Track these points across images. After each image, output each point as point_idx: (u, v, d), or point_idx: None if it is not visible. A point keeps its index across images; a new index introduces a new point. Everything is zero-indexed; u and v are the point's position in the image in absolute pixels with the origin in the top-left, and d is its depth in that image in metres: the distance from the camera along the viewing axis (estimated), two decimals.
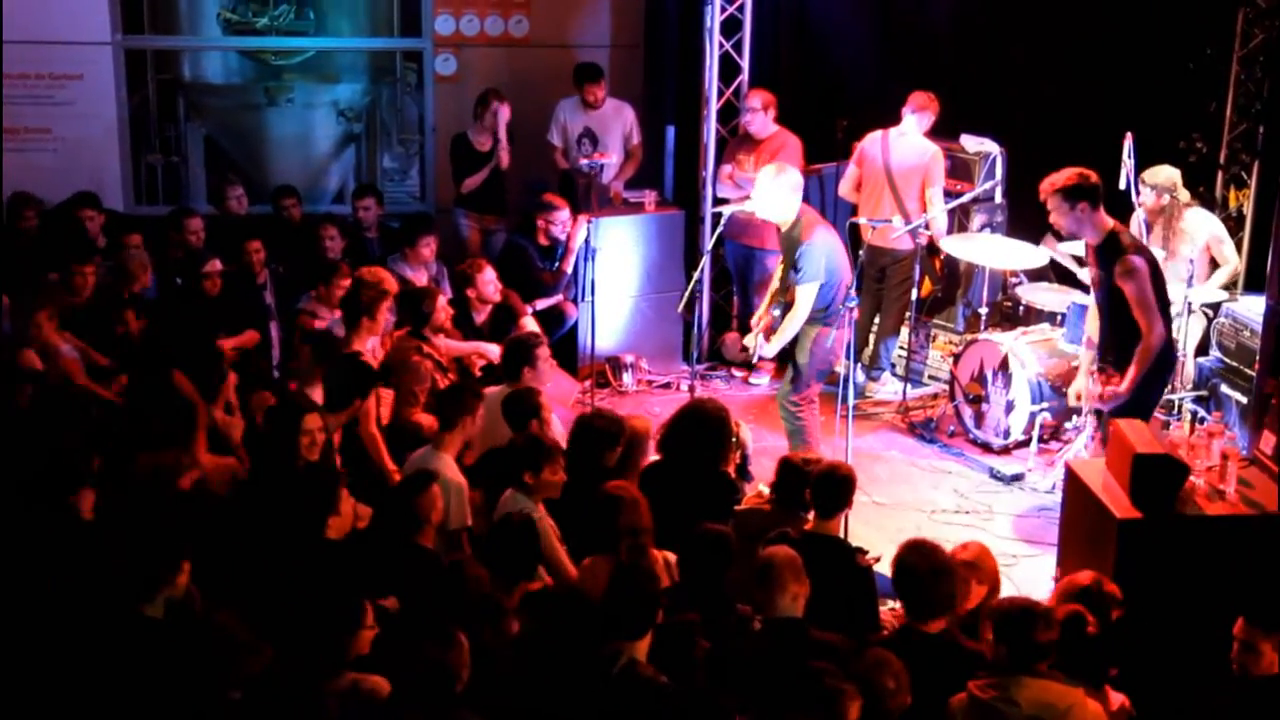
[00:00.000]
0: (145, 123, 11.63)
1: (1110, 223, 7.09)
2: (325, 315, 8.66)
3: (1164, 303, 7.12)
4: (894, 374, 10.03)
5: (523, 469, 6.32)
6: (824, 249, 7.84)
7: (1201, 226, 8.96)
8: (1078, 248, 8.90)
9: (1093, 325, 7.49)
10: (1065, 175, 7.10)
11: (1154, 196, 8.88)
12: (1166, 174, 8.95)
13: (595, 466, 6.59)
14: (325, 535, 5.91)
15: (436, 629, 4.82)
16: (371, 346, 7.98)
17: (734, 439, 6.95)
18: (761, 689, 4.99)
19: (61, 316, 8.10)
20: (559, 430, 7.30)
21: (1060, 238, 8.71)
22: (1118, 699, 5.43)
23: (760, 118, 9.75)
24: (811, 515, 6.26)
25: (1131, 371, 7.06)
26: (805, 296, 7.83)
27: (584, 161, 10.03)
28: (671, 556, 5.91)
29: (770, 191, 7.92)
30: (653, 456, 6.95)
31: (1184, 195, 9.01)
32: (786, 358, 8.17)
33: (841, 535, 6.48)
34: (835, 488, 6.18)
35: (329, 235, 9.65)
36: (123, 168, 11.16)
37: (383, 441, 7.43)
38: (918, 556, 5.37)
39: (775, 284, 8.34)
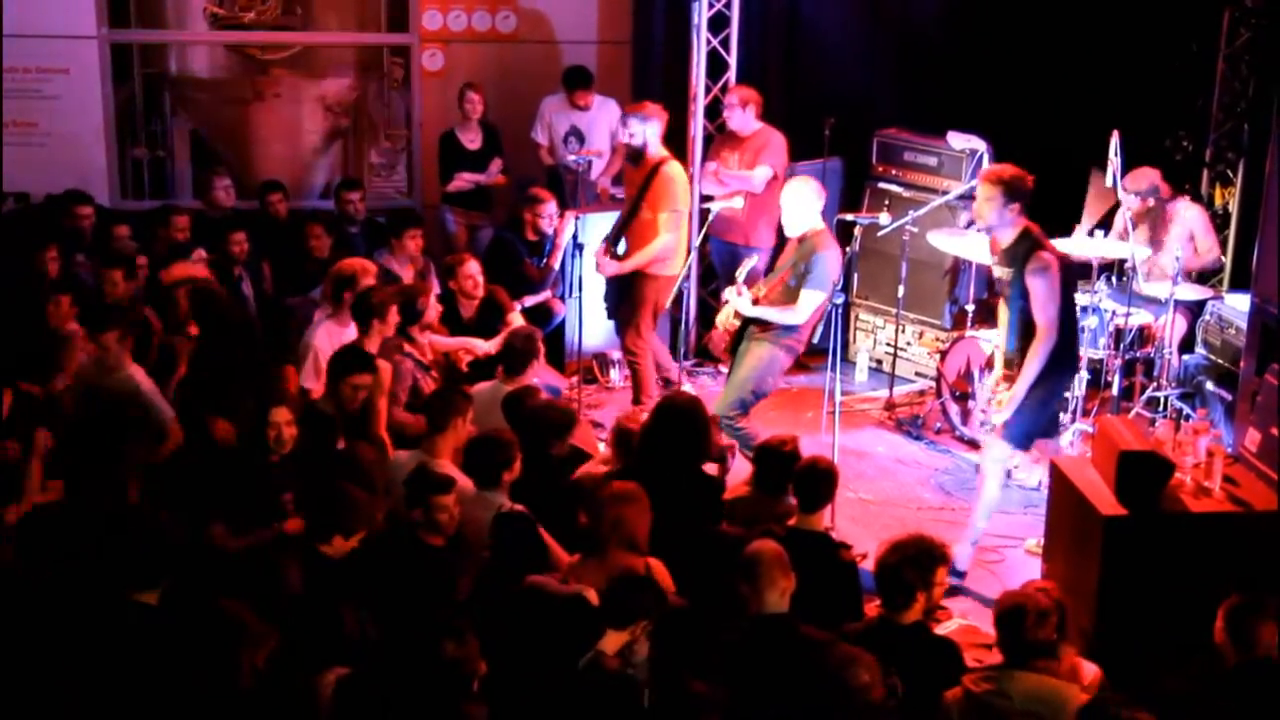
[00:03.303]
0: (131, 117, 11.61)
1: (1026, 223, 7.08)
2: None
3: (1069, 310, 7.13)
4: (880, 370, 10.06)
5: (500, 470, 6.31)
6: (834, 265, 7.81)
7: (1185, 214, 9.01)
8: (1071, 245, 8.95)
9: (1002, 336, 7.40)
10: (1013, 170, 7.11)
11: (1138, 201, 8.92)
12: (1147, 178, 8.99)
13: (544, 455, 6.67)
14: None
15: (451, 626, 4.84)
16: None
17: (714, 443, 6.91)
18: (750, 685, 5.00)
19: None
20: None
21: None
22: (1091, 670, 5.51)
23: (739, 114, 9.72)
24: (793, 503, 6.28)
25: (1024, 371, 7.04)
26: (809, 301, 7.78)
27: (571, 158, 10.02)
28: (655, 563, 5.84)
29: (802, 202, 7.87)
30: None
31: (1165, 191, 9.06)
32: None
33: (829, 531, 6.49)
34: (817, 482, 6.19)
35: (314, 234, 9.64)
36: (108, 162, 11.15)
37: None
38: (891, 550, 5.43)
39: (774, 276, 8.26)
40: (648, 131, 8.83)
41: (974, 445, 8.98)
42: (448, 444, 6.71)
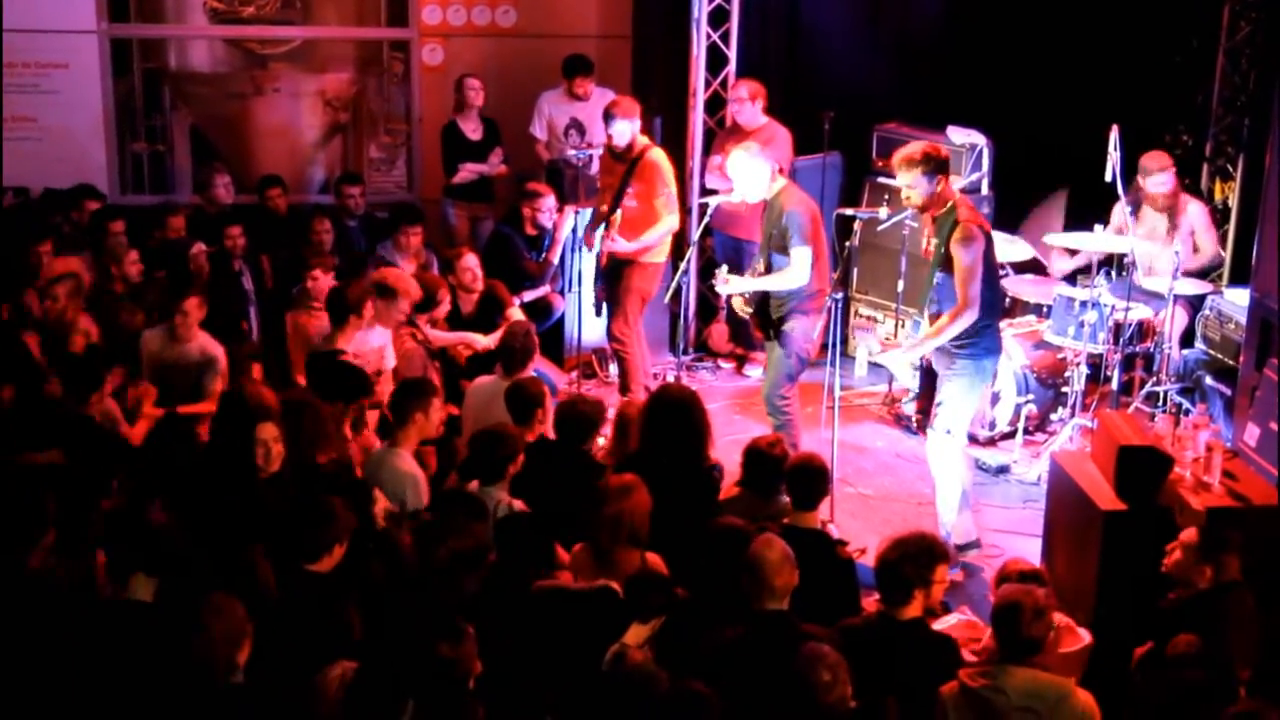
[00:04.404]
0: (131, 111, 11.60)
1: (956, 194, 7.19)
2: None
3: (993, 292, 7.24)
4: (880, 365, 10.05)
5: (504, 466, 6.29)
6: (808, 218, 7.85)
7: (1189, 209, 9.03)
8: (1069, 239, 8.99)
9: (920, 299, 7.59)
10: (923, 148, 7.19)
11: (1170, 182, 8.91)
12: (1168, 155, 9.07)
13: (578, 452, 6.65)
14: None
15: (447, 625, 4.84)
16: (379, 345, 7.96)
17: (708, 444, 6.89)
18: (751, 683, 4.99)
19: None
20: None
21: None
22: (1085, 635, 5.63)
23: (748, 108, 9.72)
24: (786, 502, 6.28)
25: (935, 334, 7.18)
26: (800, 258, 7.79)
27: (571, 152, 10.02)
28: (653, 557, 5.83)
29: (747, 168, 7.93)
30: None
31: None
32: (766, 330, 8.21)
33: (828, 527, 6.48)
34: (810, 480, 6.18)
35: (323, 229, 9.67)
36: (108, 157, 11.17)
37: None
38: (892, 546, 5.42)
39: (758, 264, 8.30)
40: (634, 126, 8.88)
41: (973, 440, 8.97)
42: (411, 437, 6.67)
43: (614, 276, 9.05)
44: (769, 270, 7.97)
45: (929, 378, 8.32)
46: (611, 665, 5.07)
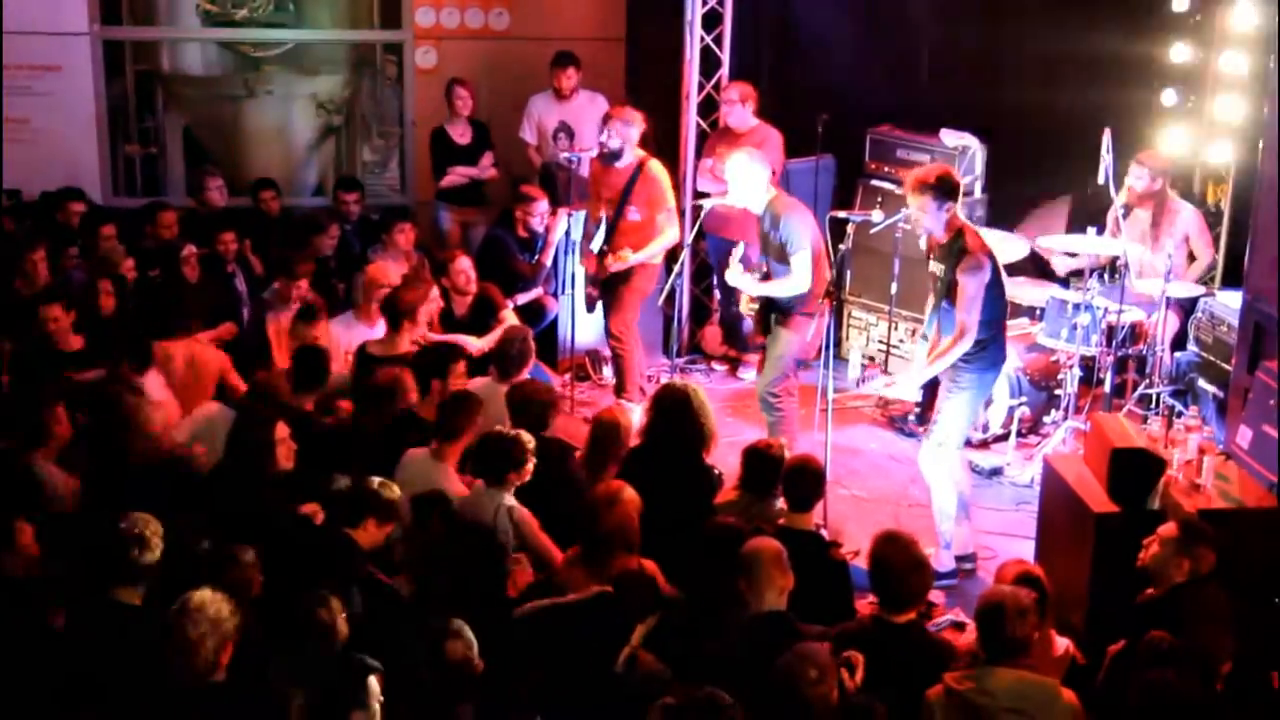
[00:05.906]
0: (123, 114, 11.60)
1: (960, 222, 7.17)
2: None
3: (1000, 311, 7.21)
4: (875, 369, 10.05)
5: (506, 470, 6.28)
6: (804, 223, 7.89)
7: (1183, 214, 9.02)
8: (1063, 242, 9.00)
9: (928, 323, 7.52)
10: (937, 171, 7.18)
11: (1149, 179, 8.90)
12: (1164, 158, 9.01)
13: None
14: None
15: (448, 628, 4.84)
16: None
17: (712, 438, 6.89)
18: (749, 683, 4.99)
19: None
20: None
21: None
22: (1063, 643, 5.60)
23: (738, 110, 9.72)
24: (782, 505, 6.28)
25: (933, 363, 7.20)
26: (801, 265, 7.84)
27: (562, 155, 10.01)
28: (648, 564, 5.83)
29: (746, 173, 7.94)
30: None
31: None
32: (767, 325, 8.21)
33: (820, 529, 6.48)
34: (805, 481, 6.20)
35: (330, 235, 9.70)
36: (101, 159, 11.15)
37: None
38: (892, 548, 5.40)
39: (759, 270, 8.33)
40: (630, 134, 8.86)
41: (966, 442, 8.96)
42: (458, 451, 6.66)
43: (615, 274, 9.04)
44: (768, 279, 8.00)
45: (930, 386, 8.32)
46: (625, 669, 5.06)
